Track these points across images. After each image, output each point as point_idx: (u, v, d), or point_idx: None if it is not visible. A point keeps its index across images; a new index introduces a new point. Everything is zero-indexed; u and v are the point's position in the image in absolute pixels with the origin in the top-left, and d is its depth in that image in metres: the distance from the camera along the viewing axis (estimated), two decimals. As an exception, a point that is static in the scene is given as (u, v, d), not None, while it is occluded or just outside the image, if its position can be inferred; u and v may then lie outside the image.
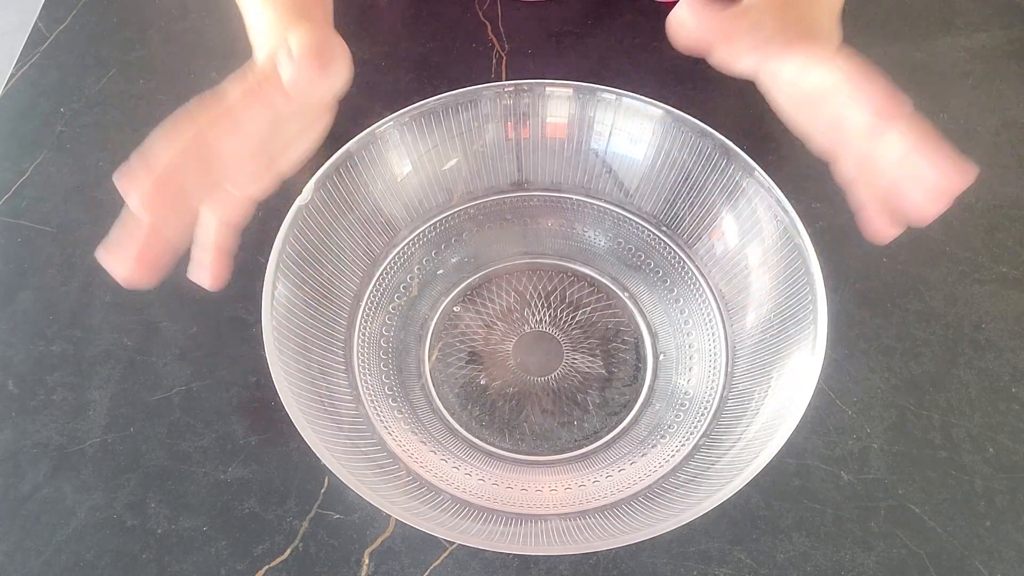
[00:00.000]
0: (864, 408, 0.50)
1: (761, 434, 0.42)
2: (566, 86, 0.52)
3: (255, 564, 0.46)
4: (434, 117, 0.51)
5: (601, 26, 0.69)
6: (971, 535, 0.46)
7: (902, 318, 0.54)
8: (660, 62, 0.67)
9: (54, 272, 0.57)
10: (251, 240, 0.58)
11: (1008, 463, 0.48)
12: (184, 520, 0.47)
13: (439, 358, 0.53)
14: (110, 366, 0.53)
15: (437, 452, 0.47)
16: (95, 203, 0.60)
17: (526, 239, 0.57)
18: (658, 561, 0.45)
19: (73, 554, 0.46)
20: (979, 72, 0.66)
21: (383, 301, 0.53)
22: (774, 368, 0.45)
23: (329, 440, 0.41)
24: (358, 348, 0.50)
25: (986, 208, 0.58)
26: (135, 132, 0.63)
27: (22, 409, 0.51)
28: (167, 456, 0.49)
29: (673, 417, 0.49)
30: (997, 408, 0.50)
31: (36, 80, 0.67)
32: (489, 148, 0.54)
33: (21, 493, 0.48)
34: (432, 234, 0.55)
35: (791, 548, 0.46)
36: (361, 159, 0.50)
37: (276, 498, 0.48)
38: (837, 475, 0.48)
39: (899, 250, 0.56)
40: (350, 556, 0.46)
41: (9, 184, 0.61)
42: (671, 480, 0.44)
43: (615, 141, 0.53)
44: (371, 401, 0.48)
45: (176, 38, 0.70)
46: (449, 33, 0.69)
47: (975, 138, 0.62)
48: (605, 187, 0.55)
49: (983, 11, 0.70)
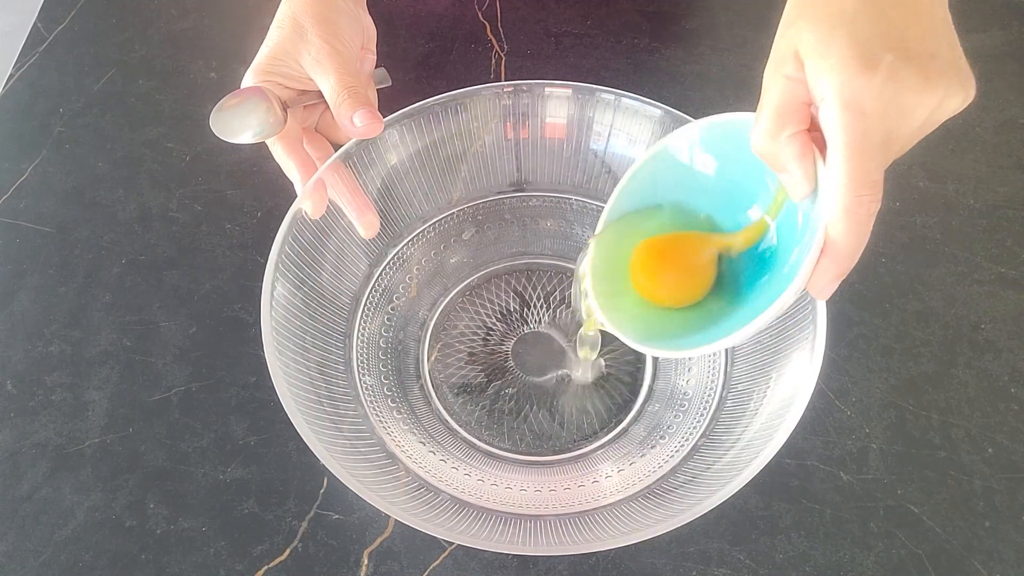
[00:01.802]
0: (863, 408, 0.50)
1: (760, 434, 0.42)
2: (565, 86, 0.52)
3: (254, 564, 0.46)
4: (433, 117, 0.51)
5: (601, 26, 0.69)
6: (970, 535, 0.46)
7: (901, 318, 0.54)
8: (660, 62, 0.67)
9: (53, 272, 0.57)
10: (251, 240, 0.58)
11: (1007, 463, 0.48)
12: (183, 520, 0.47)
13: (438, 358, 0.53)
14: (109, 366, 0.53)
15: (436, 452, 0.47)
16: (93, 203, 0.60)
17: (525, 239, 0.57)
18: (658, 561, 0.45)
19: (72, 554, 0.46)
20: (979, 72, 0.66)
21: (382, 301, 0.53)
22: (773, 368, 0.45)
23: (328, 440, 0.41)
24: (357, 348, 0.50)
25: (985, 208, 0.58)
26: (134, 132, 0.64)
27: (21, 409, 0.51)
28: (166, 456, 0.49)
29: (672, 417, 0.49)
30: (996, 408, 0.50)
31: (35, 80, 0.67)
32: (488, 148, 0.54)
33: (20, 493, 0.48)
34: (431, 234, 0.55)
35: (790, 548, 0.46)
36: (360, 159, 0.50)
37: (275, 498, 0.48)
38: (836, 475, 0.48)
39: (898, 250, 0.56)
40: (349, 556, 0.46)
41: (8, 184, 0.61)
42: (671, 480, 0.44)
43: (614, 141, 0.53)
44: (370, 401, 0.48)
45: (176, 38, 0.70)
46: (449, 33, 0.69)
47: (975, 138, 0.62)
48: (605, 187, 0.55)
49: (982, 11, 0.70)
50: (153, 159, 0.62)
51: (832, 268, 0.33)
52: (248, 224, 0.59)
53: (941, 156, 0.61)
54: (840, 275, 0.34)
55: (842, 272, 0.34)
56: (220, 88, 0.66)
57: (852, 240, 0.32)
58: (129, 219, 0.59)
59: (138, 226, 0.59)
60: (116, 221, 0.59)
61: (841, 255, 0.33)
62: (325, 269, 0.49)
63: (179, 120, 0.64)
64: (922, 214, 0.58)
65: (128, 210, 0.60)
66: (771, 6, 0.70)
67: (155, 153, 0.62)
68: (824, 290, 0.34)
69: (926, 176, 0.60)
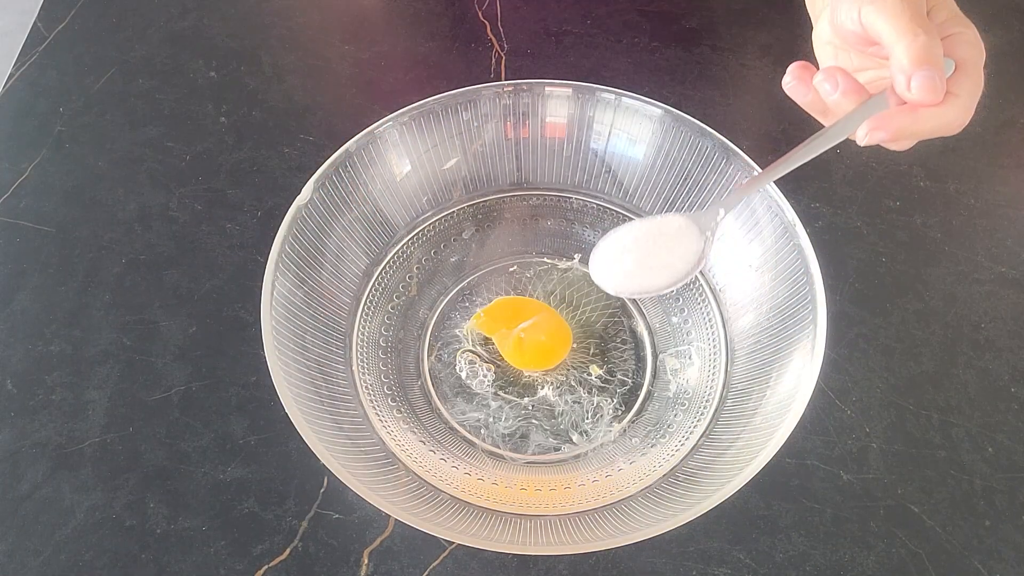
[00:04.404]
0: (863, 408, 0.50)
1: (760, 434, 0.42)
2: (565, 86, 0.52)
3: (254, 564, 0.46)
4: (433, 117, 0.51)
5: (601, 25, 0.69)
6: (970, 534, 0.46)
7: (901, 318, 0.54)
8: (660, 62, 0.67)
9: (53, 272, 0.57)
10: (251, 239, 0.58)
11: (1007, 462, 0.48)
12: (183, 520, 0.47)
13: (438, 357, 0.53)
14: (109, 366, 0.53)
15: (436, 452, 0.47)
16: (94, 203, 0.60)
17: (525, 238, 0.57)
18: (658, 561, 0.45)
19: (72, 554, 0.46)
20: (978, 72, 0.66)
21: (382, 300, 0.53)
22: (773, 368, 0.45)
23: (328, 440, 0.41)
24: (357, 347, 0.50)
25: (986, 208, 0.58)
26: (134, 132, 0.64)
27: (21, 409, 0.51)
28: (166, 456, 0.49)
29: (672, 417, 0.49)
30: (996, 408, 0.50)
31: (35, 80, 0.67)
32: (488, 148, 0.54)
33: (20, 493, 0.48)
34: (431, 233, 0.55)
35: (790, 548, 0.46)
36: (360, 158, 0.50)
37: (275, 498, 0.48)
38: (836, 475, 0.48)
39: (898, 250, 0.56)
40: (349, 556, 0.46)
41: (8, 184, 0.61)
42: (670, 480, 0.44)
43: (615, 141, 0.53)
44: (370, 400, 0.48)
45: (176, 38, 0.70)
46: (449, 33, 0.69)
47: (975, 138, 0.62)
48: (605, 187, 0.55)
49: (983, 12, 0.70)
50: (153, 159, 0.62)
51: (908, 118, 0.36)
52: (248, 224, 0.59)
53: (941, 156, 0.61)
54: (916, 128, 0.36)
55: (921, 126, 0.36)
56: (220, 88, 0.66)
57: (926, 87, 0.35)
58: (129, 219, 0.59)
59: (138, 226, 0.59)
60: (116, 221, 0.59)
61: (918, 103, 0.35)
62: (325, 268, 0.49)
63: (179, 120, 0.64)
64: (922, 214, 0.58)
65: (128, 210, 0.60)
66: (772, 6, 0.71)
67: (155, 153, 0.62)
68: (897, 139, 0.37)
69: (926, 176, 0.60)
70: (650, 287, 0.44)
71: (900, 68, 0.35)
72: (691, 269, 0.43)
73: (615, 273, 0.44)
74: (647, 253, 0.44)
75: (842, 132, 0.38)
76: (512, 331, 0.51)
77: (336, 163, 0.49)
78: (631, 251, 0.44)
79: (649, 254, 0.44)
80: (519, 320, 0.52)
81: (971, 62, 0.37)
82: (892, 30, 0.36)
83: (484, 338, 0.53)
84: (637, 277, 0.44)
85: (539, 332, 0.51)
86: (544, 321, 0.52)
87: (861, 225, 0.58)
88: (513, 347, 0.51)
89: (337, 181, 0.49)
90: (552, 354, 0.51)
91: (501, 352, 0.52)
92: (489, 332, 0.52)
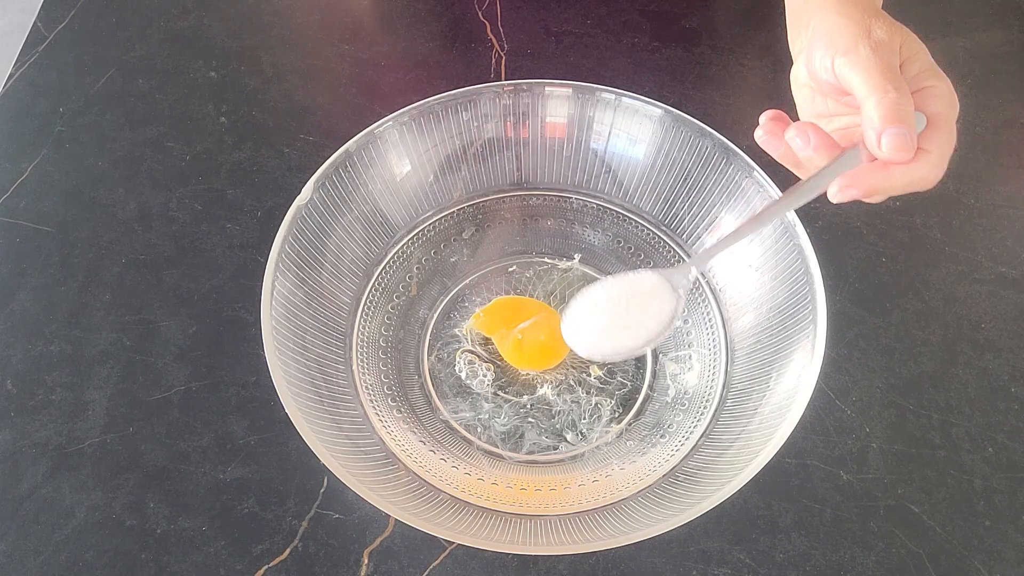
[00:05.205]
0: (863, 408, 0.50)
1: (760, 434, 0.42)
2: (565, 86, 0.52)
3: (254, 564, 0.46)
4: (433, 117, 0.51)
5: (601, 25, 0.69)
6: (970, 534, 0.46)
7: (901, 318, 0.54)
8: (660, 62, 0.67)
9: (53, 272, 0.57)
10: (251, 239, 0.58)
11: (1007, 462, 0.48)
12: (183, 520, 0.47)
13: (438, 357, 0.53)
14: (109, 366, 0.53)
15: (436, 452, 0.47)
16: (94, 203, 0.60)
17: (525, 238, 0.57)
18: (658, 561, 0.45)
19: (72, 554, 0.46)
20: (979, 72, 0.66)
21: (382, 300, 0.53)
22: (773, 368, 0.45)
23: (328, 440, 0.41)
24: (357, 347, 0.50)
25: (986, 207, 0.58)
26: (134, 132, 0.64)
27: (21, 409, 0.51)
28: (166, 456, 0.49)
29: (672, 417, 0.49)
30: (996, 407, 0.50)
31: (35, 80, 0.67)
32: (489, 148, 0.54)
33: (20, 493, 0.48)
34: (431, 233, 0.55)
35: (790, 548, 0.46)
36: (360, 158, 0.50)
37: (275, 498, 0.48)
38: (836, 475, 0.48)
39: (898, 250, 0.56)
40: (349, 556, 0.46)
41: (8, 184, 0.61)
42: (670, 480, 0.44)
43: (615, 141, 0.53)
44: (370, 400, 0.48)
45: (176, 38, 0.70)
46: (449, 33, 0.69)
47: (975, 138, 0.62)
48: (605, 187, 0.55)
49: (983, 11, 0.70)
50: (153, 159, 0.62)
51: (878, 176, 0.36)
52: (248, 224, 0.59)
53: (941, 156, 0.61)
54: (883, 186, 0.36)
55: (887, 183, 0.36)
56: (220, 88, 0.66)
57: (896, 145, 0.35)
58: (129, 219, 0.59)
59: (138, 225, 0.59)
60: (116, 220, 0.59)
61: (889, 160, 0.35)
62: (325, 268, 0.49)
63: (179, 120, 0.64)
64: (922, 214, 0.58)
65: (128, 210, 0.60)
66: (771, 6, 0.71)
67: (155, 153, 0.62)
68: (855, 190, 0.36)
69: (926, 176, 0.60)
70: (622, 348, 0.43)
71: (871, 125, 0.35)
72: (664, 328, 0.42)
73: (589, 334, 0.43)
74: (620, 313, 0.43)
75: (815, 188, 0.38)
76: (511, 331, 0.51)
77: (336, 163, 0.49)
78: (604, 311, 0.43)
79: (622, 314, 0.43)
80: (518, 320, 0.52)
81: (943, 117, 0.37)
82: (864, 84, 0.36)
83: (484, 338, 0.53)
84: (610, 338, 0.43)
85: (538, 332, 0.51)
86: (543, 321, 0.52)
87: (861, 225, 0.58)
88: (512, 347, 0.51)
89: (337, 181, 0.49)
90: (551, 354, 0.51)
91: (500, 352, 0.52)
92: (488, 332, 0.52)
